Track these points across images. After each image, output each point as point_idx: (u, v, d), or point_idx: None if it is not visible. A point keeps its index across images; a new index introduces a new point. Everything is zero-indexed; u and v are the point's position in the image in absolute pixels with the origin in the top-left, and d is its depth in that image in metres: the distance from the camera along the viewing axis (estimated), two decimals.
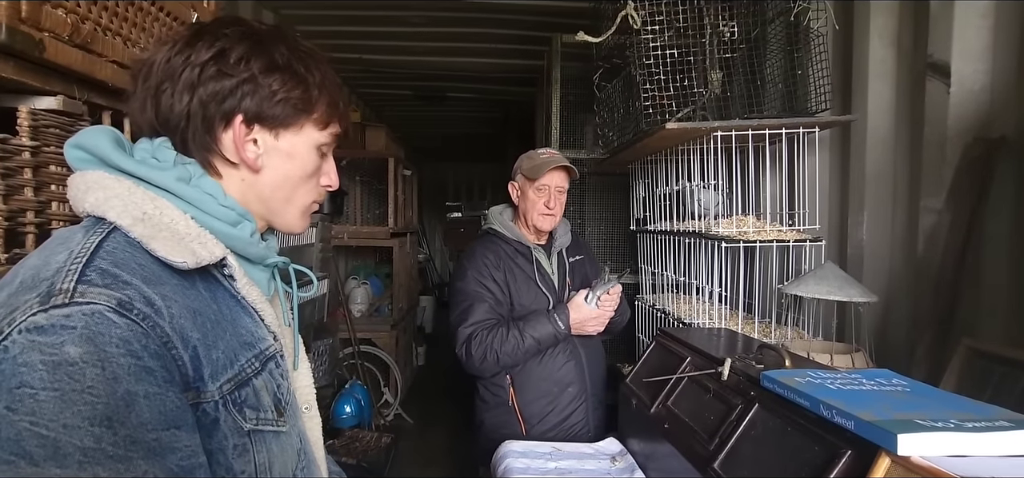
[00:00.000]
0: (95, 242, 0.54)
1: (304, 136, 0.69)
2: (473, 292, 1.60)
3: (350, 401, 3.19)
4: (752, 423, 0.97)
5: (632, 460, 1.38)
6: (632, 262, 2.83)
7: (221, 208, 0.63)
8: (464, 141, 7.20)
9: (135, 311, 0.51)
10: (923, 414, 0.74)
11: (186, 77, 0.62)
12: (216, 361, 0.58)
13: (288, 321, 0.77)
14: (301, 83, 0.67)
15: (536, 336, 1.54)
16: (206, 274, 0.62)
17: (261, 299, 0.68)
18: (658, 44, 1.77)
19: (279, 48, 0.66)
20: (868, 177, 1.67)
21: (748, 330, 1.71)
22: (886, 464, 0.70)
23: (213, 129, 0.64)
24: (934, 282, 1.43)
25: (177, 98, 0.62)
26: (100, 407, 0.47)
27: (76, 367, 0.47)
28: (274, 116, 0.66)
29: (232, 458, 0.59)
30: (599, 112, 2.55)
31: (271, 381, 0.66)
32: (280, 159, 0.68)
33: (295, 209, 0.72)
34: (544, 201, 1.64)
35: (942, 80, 1.43)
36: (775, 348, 1.13)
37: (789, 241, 1.64)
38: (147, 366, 0.50)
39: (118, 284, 0.51)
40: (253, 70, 0.64)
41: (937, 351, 1.39)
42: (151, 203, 0.59)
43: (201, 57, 0.63)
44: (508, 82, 4.37)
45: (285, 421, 0.66)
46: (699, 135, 1.78)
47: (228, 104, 0.64)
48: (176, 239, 0.58)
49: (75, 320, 0.48)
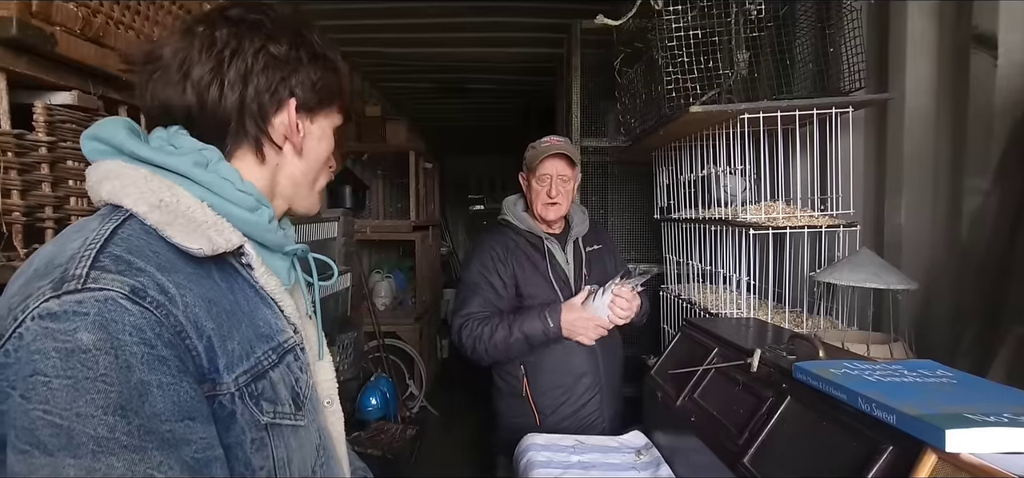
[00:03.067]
0: (110, 229, 0.53)
1: (330, 120, 0.73)
2: (473, 283, 1.60)
3: (375, 394, 3.21)
4: (784, 417, 0.92)
5: (658, 454, 1.35)
6: (656, 252, 2.78)
7: (239, 193, 0.62)
8: (485, 133, 7.17)
9: (148, 298, 0.50)
10: (973, 408, 0.69)
11: (238, 67, 0.63)
12: (232, 352, 0.57)
13: (310, 312, 0.76)
14: (334, 70, 0.71)
15: (525, 331, 1.51)
16: (223, 263, 0.61)
17: (280, 289, 0.67)
18: (681, 25, 1.71)
19: (313, 35, 0.69)
20: (906, 158, 1.58)
21: (778, 320, 1.65)
22: (932, 461, 0.65)
23: (267, 115, 0.65)
24: (980, 267, 1.35)
25: (230, 89, 0.63)
26: (114, 395, 0.47)
27: (89, 354, 0.46)
28: (315, 102, 0.69)
29: (251, 453, 0.58)
30: (621, 99, 2.49)
31: (289, 374, 0.65)
32: (314, 142, 0.71)
33: (316, 191, 0.76)
34: (546, 190, 1.62)
35: (988, 52, 1.34)
36: (807, 338, 1.07)
37: (821, 227, 1.57)
38: (160, 355, 0.50)
39: (132, 271, 0.51)
40: (302, 57, 0.67)
41: (984, 341, 1.31)
42: (168, 191, 0.58)
43: (253, 45, 0.63)
44: (528, 72, 4.32)
45: (303, 415, 0.65)
46: (725, 119, 1.72)
47: (281, 91, 0.66)
48: (193, 226, 0.57)
49: (88, 306, 0.47)
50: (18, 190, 0.86)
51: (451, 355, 5.35)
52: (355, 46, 3.92)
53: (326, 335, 0.81)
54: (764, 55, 1.80)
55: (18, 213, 0.86)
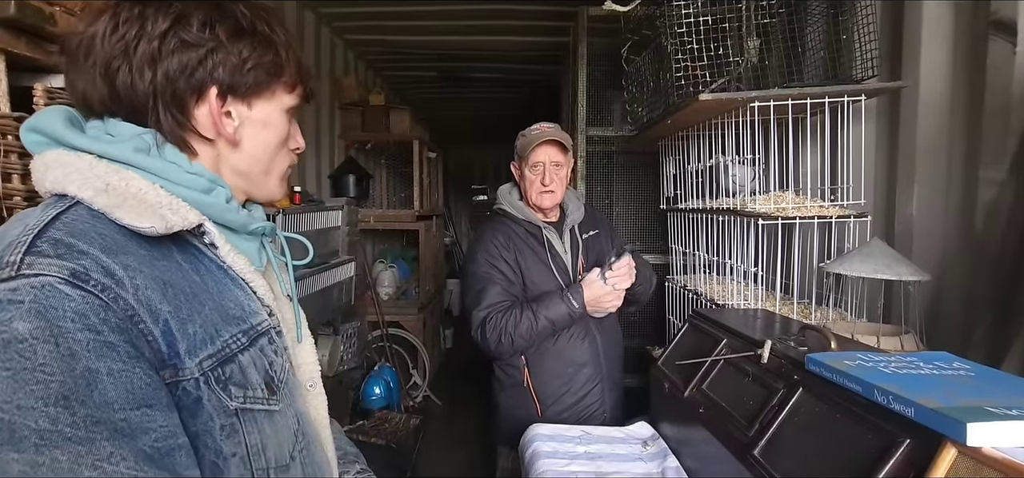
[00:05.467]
0: (51, 215, 0.51)
1: (276, 102, 0.66)
2: (484, 274, 1.57)
3: (379, 383, 3.21)
4: (796, 409, 0.91)
5: (664, 445, 1.33)
6: (662, 243, 2.76)
7: (188, 176, 0.59)
8: (490, 123, 7.14)
9: (91, 281, 0.48)
10: (993, 401, 0.67)
11: (144, 51, 0.56)
12: (193, 335, 0.54)
13: (287, 292, 0.74)
14: (270, 46, 0.63)
15: (550, 317, 1.50)
16: (185, 244, 0.59)
17: (250, 270, 0.64)
18: (690, 11, 1.69)
19: (238, 7, 0.62)
20: (919, 148, 1.55)
21: (786, 312, 1.63)
22: (951, 455, 0.63)
23: (185, 105, 0.60)
24: (995, 259, 1.33)
25: (136, 75, 0.57)
26: (54, 386, 0.44)
27: (26, 344, 0.44)
28: (247, 85, 0.62)
29: (221, 440, 0.55)
30: (628, 87, 2.46)
31: (261, 358, 0.62)
32: (256, 129, 0.65)
33: (274, 178, 0.70)
34: (539, 178, 1.60)
35: (1007, 39, 1.31)
36: (818, 329, 1.06)
37: (831, 218, 1.55)
38: (108, 341, 0.47)
39: (72, 254, 0.48)
40: (219, 36, 0.60)
41: (998, 333, 1.29)
42: (116, 175, 0.55)
43: (158, 26, 0.57)
44: (534, 60, 4.28)
45: (278, 400, 0.62)
46: (734, 107, 1.69)
47: (198, 76, 0.59)
48: (144, 206, 0.54)
49: (22, 293, 0.45)
50: (19, 174, 0.85)
51: (454, 345, 5.35)
52: (359, 34, 3.89)
53: (330, 324, 0.78)
54: (775, 42, 1.77)
55: (19, 197, 0.85)
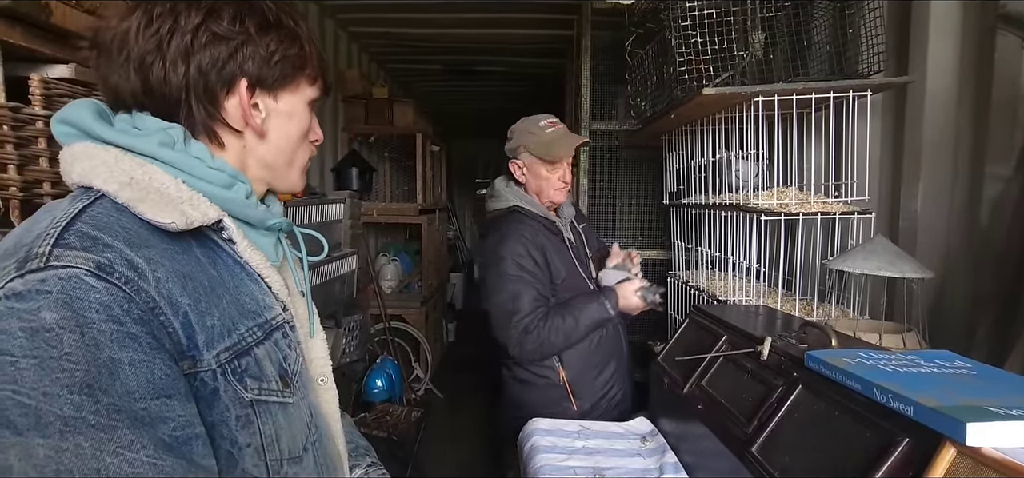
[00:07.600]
0: (79, 207, 0.52)
1: (300, 94, 0.68)
2: (515, 276, 1.50)
3: (381, 376, 3.21)
4: (795, 406, 0.90)
5: (663, 441, 1.33)
6: (664, 238, 2.75)
7: (211, 171, 0.60)
8: (494, 116, 7.10)
9: (116, 274, 0.49)
10: (994, 401, 0.66)
11: (177, 45, 0.58)
12: (211, 328, 0.56)
13: (301, 288, 0.75)
14: (296, 40, 0.66)
15: (591, 321, 1.52)
16: (204, 239, 0.60)
17: (266, 265, 0.65)
18: (695, 4, 1.67)
19: (265, 2, 0.64)
20: (925, 144, 1.53)
21: (788, 308, 1.62)
22: (951, 455, 0.63)
23: (216, 98, 0.62)
24: (1000, 256, 1.31)
25: (170, 69, 0.59)
26: (79, 374, 0.46)
27: (53, 333, 0.46)
28: (274, 77, 0.65)
29: (236, 430, 0.57)
30: (631, 81, 2.44)
31: (276, 351, 0.63)
32: (282, 121, 0.67)
33: (296, 170, 0.72)
34: (558, 175, 1.59)
35: (1016, 33, 1.29)
36: (819, 326, 1.05)
37: (835, 214, 1.54)
38: (130, 332, 0.49)
39: (98, 247, 0.50)
40: (249, 29, 0.62)
41: (1001, 332, 1.28)
42: (140, 169, 0.56)
43: (191, 21, 0.59)
44: (538, 53, 4.26)
45: (292, 392, 0.64)
46: (738, 101, 1.67)
47: (229, 69, 0.61)
48: (165, 201, 0.56)
49: (50, 284, 0.47)
50: (15, 165, 0.85)
51: (457, 339, 5.35)
52: (362, 26, 3.87)
53: (332, 317, 0.79)
54: (780, 36, 1.75)
55: (15, 188, 0.85)
